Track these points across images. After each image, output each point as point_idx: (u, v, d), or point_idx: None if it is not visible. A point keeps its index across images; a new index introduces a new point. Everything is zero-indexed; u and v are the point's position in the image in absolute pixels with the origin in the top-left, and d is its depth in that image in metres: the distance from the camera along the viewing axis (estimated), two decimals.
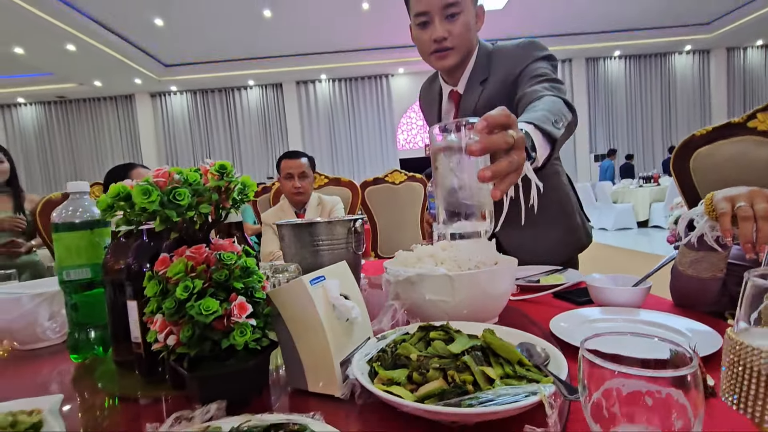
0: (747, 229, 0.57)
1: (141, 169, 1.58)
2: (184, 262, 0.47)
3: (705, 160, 1.32)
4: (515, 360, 0.50)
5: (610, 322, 0.70)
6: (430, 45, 1.06)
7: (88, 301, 0.69)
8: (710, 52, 9.99)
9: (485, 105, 1.07)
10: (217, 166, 0.50)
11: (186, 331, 0.46)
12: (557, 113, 0.74)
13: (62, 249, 0.68)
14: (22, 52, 7.18)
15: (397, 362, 0.52)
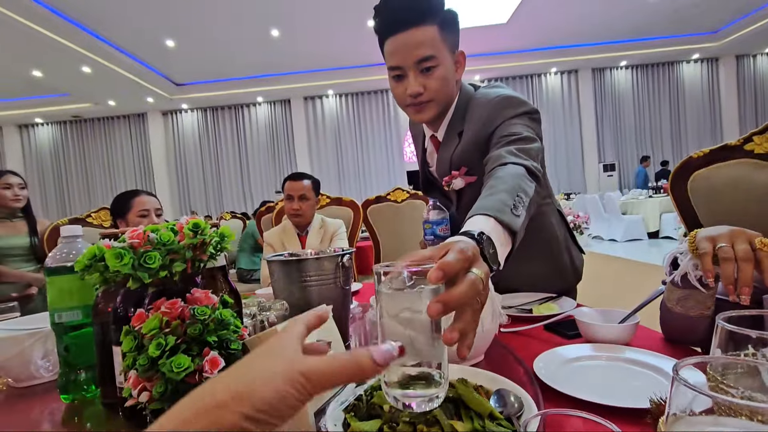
0: (728, 270, 0.57)
1: (143, 197, 1.62)
2: (159, 317, 0.48)
3: (703, 182, 1.30)
4: (486, 413, 0.50)
5: (594, 360, 0.69)
6: (405, 98, 0.99)
7: (78, 342, 0.70)
8: (719, 60, 9.90)
9: (458, 159, 1.05)
10: (191, 224, 0.52)
11: (159, 387, 0.47)
12: (516, 192, 0.70)
13: (55, 292, 0.70)
14: (41, 75, 7.45)
15: (371, 412, 0.51)
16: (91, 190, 10.04)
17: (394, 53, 0.96)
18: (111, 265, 0.46)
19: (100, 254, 0.48)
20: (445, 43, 0.96)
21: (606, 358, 0.69)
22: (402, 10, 0.93)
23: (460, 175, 1.06)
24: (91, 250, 0.48)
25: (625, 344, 0.75)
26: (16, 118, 9.56)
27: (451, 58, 0.99)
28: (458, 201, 1.18)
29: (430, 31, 0.93)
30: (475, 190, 0.96)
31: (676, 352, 0.72)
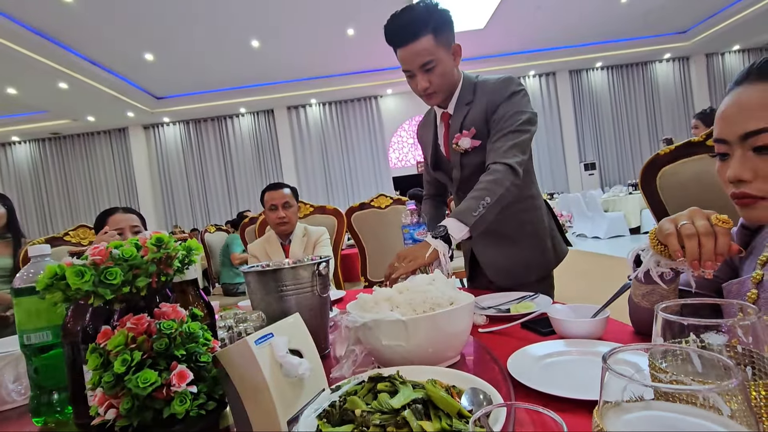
0: (692, 245, 0.58)
1: (118, 215, 1.60)
2: (125, 333, 0.48)
3: (670, 178, 1.35)
4: (454, 412, 0.51)
5: (565, 356, 0.71)
6: (417, 91, 1.27)
7: (49, 363, 0.69)
8: (689, 58, 10.23)
9: (469, 123, 1.26)
10: (154, 239, 0.52)
11: (125, 403, 0.46)
12: (483, 197, 1.11)
13: (22, 313, 0.68)
14: (16, 93, 7.30)
15: (344, 417, 0.52)
16: (74, 208, 9.82)
17: (402, 61, 1.21)
18: (72, 283, 0.46)
19: (61, 273, 0.47)
20: (440, 44, 1.17)
21: (577, 353, 0.71)
22: (400, 30, 1.17)
23: (468, 135, 1.25)
24: (51, 269, 0.47)
25: (598, 338, 0.77)
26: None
27: (448, 52, 1.21)
28: (459, 178, 1.33)
29: (425, 41, 1.15)
30: (476, 163, 1.26)
31: None
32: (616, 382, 0.25)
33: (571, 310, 0.85)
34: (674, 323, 0.33)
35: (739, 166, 0.58)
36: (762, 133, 0.55)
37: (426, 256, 1.04)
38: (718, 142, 0.62)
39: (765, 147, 0.55)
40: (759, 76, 0.56)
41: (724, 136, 0.60)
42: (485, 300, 1.15)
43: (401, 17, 1.17)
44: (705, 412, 0.24)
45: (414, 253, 1.06)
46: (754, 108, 0.56)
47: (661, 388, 0.24)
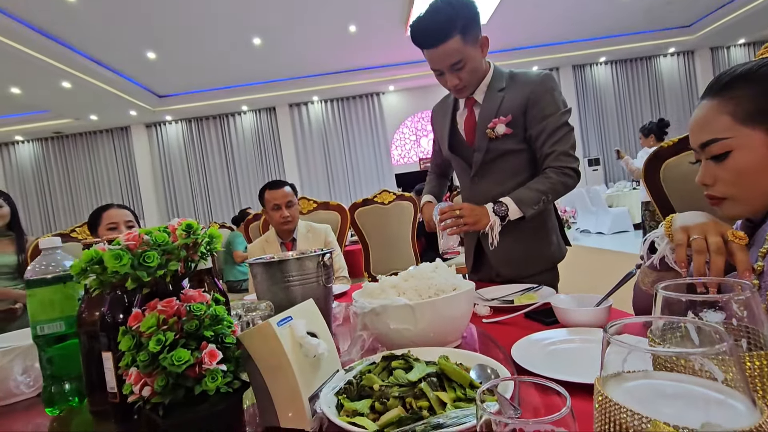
0: (700, 262, 0.59)
1: (112, 210, 1.63)
2: (156, 316, 0.50)
3: (674, 170, 1.35)
4: (467, 383, 0.55)
5: (568, 343, 0.72)
6: (447, 87, 1.29)
7: (62, 353, 0.70)
8: (694, 52, 10.15)
9: (506, 110, 1.27)
10: (184, 225, 0.54)
11: (160, 381, 0.49)
12: (545, 194, 1.22)
13: (36, 304, 0.69)
14: (19, 92, 7.33)
15: (362, 393, 0.56)
16: (77, 207, 9.88)
17: (430, 60, 1.22)
18: (110, 266, 0.48)
19: (98, 257, 0.49)
20: (468, 43, 1.18)
21: (580, 340, 0.72)
22: (427, 33, 1.16)
23: (504, 122, 1.26)
24: (88, 254, 0.50)
25: (600, 327, 0.78)
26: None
27: (476, 47, 1.21)
28: (480, 162, 1.35)
29: (453, 43, 1.15)
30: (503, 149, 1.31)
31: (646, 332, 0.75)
32: (617, 353, 0.27)
33: (574, 300, 0.86)
34: (673, 301, 0.34)
35: (703, 172, 0.67)
36: (709, 144, 0.64)
37: (484, 224, 1.19)
38: (693, 151, 0.70)
39: (716, 156, 0.64)
40: (708, 92, 0.65)
41: (692, 145, 0.69)
42: (489, 292, 1.16)
43: (428, 19, 1.16)
44: (700, 380, 0.25)
45: (478, 216, 1.18)
46: (701, 122, 0.65)
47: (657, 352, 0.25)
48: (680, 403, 0.25)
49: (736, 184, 0.63)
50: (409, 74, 9.04)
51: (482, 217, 1.19)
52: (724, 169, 0.63)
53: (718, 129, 0.62)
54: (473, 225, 1.18)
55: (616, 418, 0.24)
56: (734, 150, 0.61)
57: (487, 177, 1.35)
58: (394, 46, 7.84)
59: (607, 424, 0.25)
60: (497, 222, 1.19)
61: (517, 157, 1.33)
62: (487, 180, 1.36)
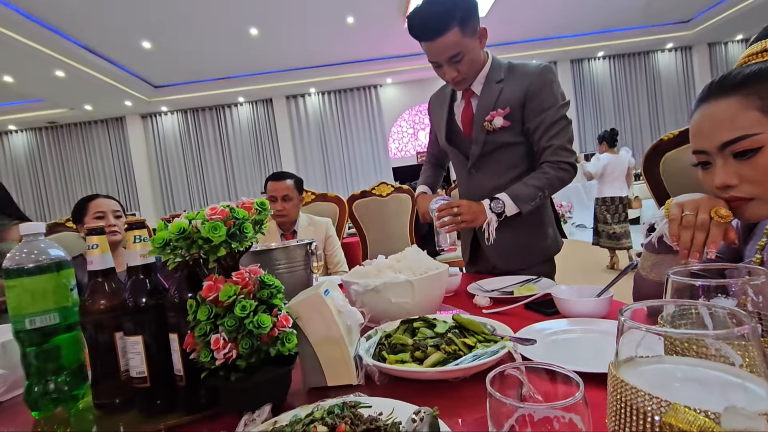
0: (685, 237, 0.61)
1: (99, 200, 1.60)
2: (232, 286, 0.55)
3: (673, 163, 1.35)
4: (481, 331, 0.69)
5: (570, 333, 0.72)
6: (446, 79, 1.28)
7: (53, 347, 0.65)
8: (692, 48, 10.15)
9: (504, 103, 1.26)
10: (259, 202, 0.62)
11: (244, 344, 0.54)
12: (542, 190, 1.21)
13: (24, 295, 0.63)
14: (12, 81, 7.21)
15: (394, 349, 0.66)
16: (72, 197, 9.78)
17: (428, 53, 1.20)
18: (210, 236, 0.54)
19: (187, 230, 0.53)
20: (467, 35, 1.16)
21: (581, 330, 0.72)
22: (425, 25, 1.14)
23: (501, 114, 1.25)
24: (179, 224, 0.54)
25: (602, 318, 0.78)
26: None
27: (474, 39, 1.20)
28: (478, 155, 1.34)
29: (451, 35, 1.13)
30: (500, 142, 1.29)
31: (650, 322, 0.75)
32: (632, 337, 0.26)
33: (575, 291, 0.86)
34: (684, 287, 0.33)
35: (724, 173, 0.63)
36: (738, 141, 0.61)
37: (481, 221, 1.20)
38: (698, 153, 0.67)
39: (743, 152, 0.61)
40: (720, 91, 0.63)
41: (703, 147, 0.66)
42: (488, 283, 1.16)
43: (425, 11, 1.13)
44: (717, 364, 0.25)
45: (475, 214, 1.19)
46: (723, 120, 0.62)
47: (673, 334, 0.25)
48: (697, 388, 0.25)
49: (766, 182, 0.60)
50: (408, 67, 8.97)
51: (479, 214, 1.19)
52: (752, 167, 0.61)
53: (747, 125, 0.59)
54: (470, 222, 1.19)
55: (632, 403, 0.24)
56: (766, 145, 0.59)
57: (484, 169, 1.35)
58: (393, 38, 7.78)
59: (623, 408, 0.25)
60: (494, 219, 1.20)
61: (515, 149, 1.32)
62: (484, 172, 1.35)
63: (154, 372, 0.62)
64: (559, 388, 0.32)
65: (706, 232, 0.59)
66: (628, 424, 0.24)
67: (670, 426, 0.21)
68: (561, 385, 0.33)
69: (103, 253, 0.67)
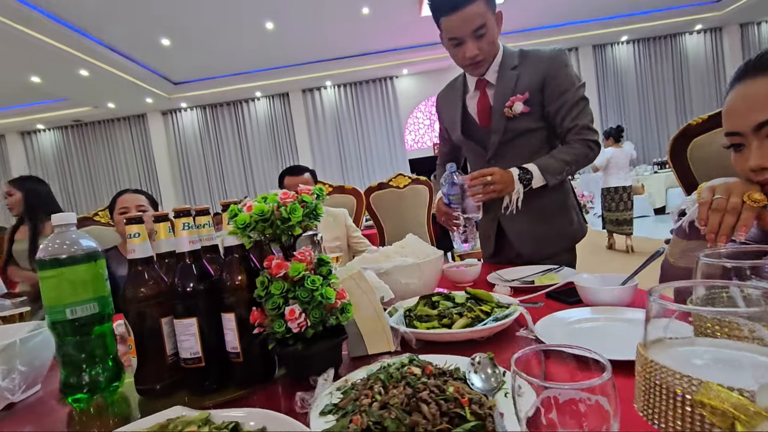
0: (713, 220, 0.59)
1: (125, 196, 1.71)
2: (298, 264, 0.61)
3: (702, 149, 1.30)
4: (493, 301, 0.81)
5: (593, 322, 0.70)
6: (463, 60, 1.24)
7: (93, 338, 0.66)
8: (722, 29, 9.68)
9: (523, 88, 1.25)
10: (317, 188, 0.67)
11: (315, 314, 0.60)
12: (568, 165, 1.22)
13: (65, 285, 0.63)
14: (39, 81, 7.47)
15: (421, 320, 0.77)
16: (97, 194, 10.11)
17: (452, 27, 1.18)
18: (292, 217, 0.61)
19: (267, 213, 0.60)
20: (489, 9, 1.17)
21: (605, 319, 0.71)
22: None
23: (521, 100, 1.24)
24: (260, 208, 0.60)
25: (626, 306, 0.76)
26: (18, 126, 9.61)
27: (495, 19, 1.20)
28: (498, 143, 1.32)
29: (477, 6, 1.14)
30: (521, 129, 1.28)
31: None
32: (661, 318, 0.26)
33: (597, 280, 0.85)
34: (715, 270, 0.33)
35: (759, 155, 0.61)
36: None
37: (510, 190, 1.20)
38: (731, 135, 0.65)
39: None
40: (757, 70, 0.60)
41: (737, 128, 0.63)
42: (509, 273, 1.15)
43: None
44: (750, 345, 0.24)
45: (506, 183, 1.19)
46: (760, 100, 0.59)
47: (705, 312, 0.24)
48: (729, 368, 0.24)
49: None
50: (424, 57, 8.87)
51: (509, 183, 1.19)
52: None
53: None
54: (500, 192, 1.18)
55: (662, 382, 0.23)
56: None
57: (504, 159, 1.33)
58: (408, 29, 7.69)
59: (653, 389, 0.24)
60: (521, 189, 1.20)
61: (534, 135, 1.31)
62: (504, 162, 1.33)
63: (207, 352, 0.65)
64: (584, 372, 0.32)
65: (737, 216, 0.57)
66: (658, 405, 0.24)
67: (702, 404, 0.21)
68: (585, 370, 0.32)
69: (143, 241, 0.68)
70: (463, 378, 0.52)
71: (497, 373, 0.51)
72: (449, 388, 0.47)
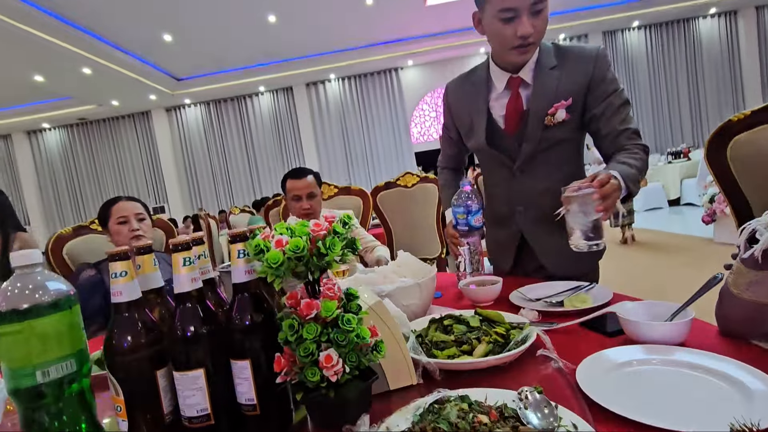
0: None
1: (121, 203, 1.54)
2: (328, 301, 0.54)
3: (745, 148, 1.17)
4: (503, 320, 0.78)
5: (646, 365, 0.60)
6: (513, 40, 1.05)
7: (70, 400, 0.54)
8: (738, 12, 9.35)
9: (565, 93, 1.11)
10: (345, 216, 0.60)
11: (352, 358, 0.54)
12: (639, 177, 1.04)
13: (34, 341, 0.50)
14: (43, 80, 7.43)
15: (437, 347, 0.72)
16: (103, 191, 10.13)
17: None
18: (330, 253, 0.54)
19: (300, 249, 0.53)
20: None
21: (660, 362, 0.60)
22: None
23: (563, 106, 1.11)
24: (296, 243, 0.53)
25: (680, 344, 0.66)
26: (24, 125, 9.63)
27: None
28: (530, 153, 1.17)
29: None
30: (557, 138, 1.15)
31: (739, 351, 0.63)
32: None
33: (642, 308, 0.74)
34: None
35: None
36: None
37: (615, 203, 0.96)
38: None
39: None
40: None
41: None
42: (532, 290, 1.04)
43: None
44: None
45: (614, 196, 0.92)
46: None
47: None
48: None
49: None
50: (429, 47, 8.68)
51: (616, 196, 0.94)
52: None
53: None
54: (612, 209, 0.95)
55: None
56: None
57: (533, 170, 1.19)
58: (413, 19, 7.50)
59: None
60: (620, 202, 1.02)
61: (569, 145, 1.18)
62: (532, 174, 1.19)
63: (216, 407, 0.56)
64: None
65: None
66: None
67: None
68: None
69: (131, 280, 0.57)
70: (515, 416, 0.49)
71: (552, 409, 0.48)
72: None
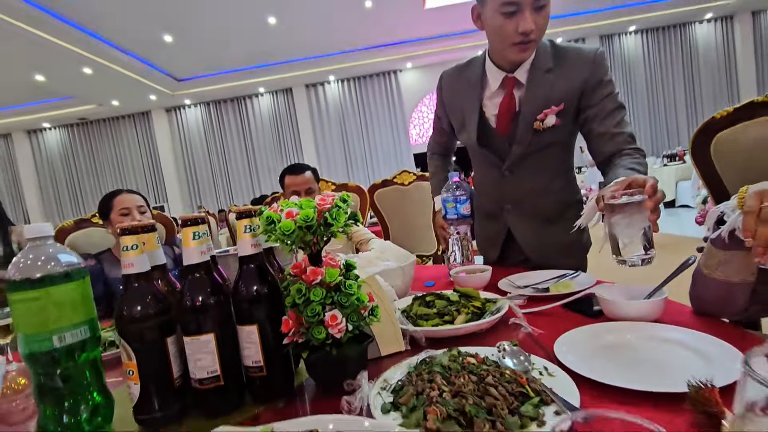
0: (763, 232, 0.52)
1: (123, 196, 1.58)
2: (334, 269, 0.61)
3: (727, 144, 1.22)
4: (478, 296, 0.88)
5: (621, 341, 0.64)
6: (513, 36, 1.03)
7: (83, 366, 0.58)
8: (734, 17, 9.44)
9: (559, 97, 1.11)
10: (345, 195, 0.64)
11: (353, 318, 0.61)
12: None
13: (51, 308, 0.54)
14: (43, 79, 7.46)
15: (422, 319, 0.81)
16: (103, 191, 9.98)
17: None
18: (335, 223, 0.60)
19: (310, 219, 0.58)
20: None
21: (635, 338, 0.64)
22: None
23: (554, 112, 1.10)
24: (306, 213, 0.58)
25: (654, 321, 0.70)
26: (24, 124, 9.65)
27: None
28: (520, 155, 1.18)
29: None
30: (547, 143, 1.15)
31: (710, 327, 0.67)
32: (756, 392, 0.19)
33: (621, 290, 0.78)
34: None
35: None
36: None
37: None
38: None
39: None
40: None
41: None
42: (520, 278, 1.08)
43: None
44: None
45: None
46: None
47: None
48: None
49: None
50: (428, 50, 8.74)
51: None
52: None
53: None
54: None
55: None
56: None
57: (521, 171, 1.21)
58: (412, 21, 7.56)
59: None
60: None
61: (558, 148, 1.21)
62: (520, 175, 1.22)
63: (225, 369, 0.61)
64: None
65: None
66: None
67: None
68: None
69: (141, 254, 0.62)
70: (496, 364, 0.56)
71: (526, 357, 0.59)
72: (506, 371, 0.53)
